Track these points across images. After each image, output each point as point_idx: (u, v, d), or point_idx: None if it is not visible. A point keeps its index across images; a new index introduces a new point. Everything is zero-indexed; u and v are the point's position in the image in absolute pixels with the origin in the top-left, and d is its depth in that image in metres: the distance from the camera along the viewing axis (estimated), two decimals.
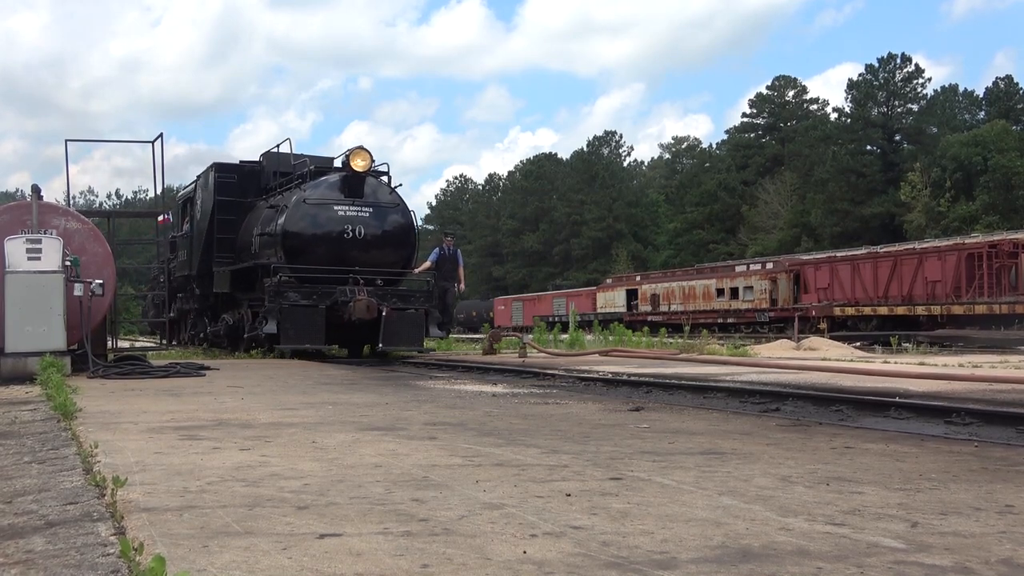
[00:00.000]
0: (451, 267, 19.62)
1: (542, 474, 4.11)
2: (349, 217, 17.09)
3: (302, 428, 5.86)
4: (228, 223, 20.22)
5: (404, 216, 17.97)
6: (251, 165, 21.27)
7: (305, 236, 16.91)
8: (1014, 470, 4.33)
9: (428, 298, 17.17)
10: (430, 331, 16.94)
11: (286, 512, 3.29)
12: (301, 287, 16.18)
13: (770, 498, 3.56)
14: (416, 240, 18.20)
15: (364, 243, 17.08)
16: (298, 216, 16.94)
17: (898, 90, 74.52)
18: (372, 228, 17.28)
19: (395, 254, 17.72)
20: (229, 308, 20.32)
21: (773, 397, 9.22)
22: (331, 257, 16.80)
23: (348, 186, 17.23)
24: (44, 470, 4.34)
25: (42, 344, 11.16)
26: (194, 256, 21.61)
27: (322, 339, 15.93)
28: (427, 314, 16.81)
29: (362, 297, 15.89)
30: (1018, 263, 29.32)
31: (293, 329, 15.67)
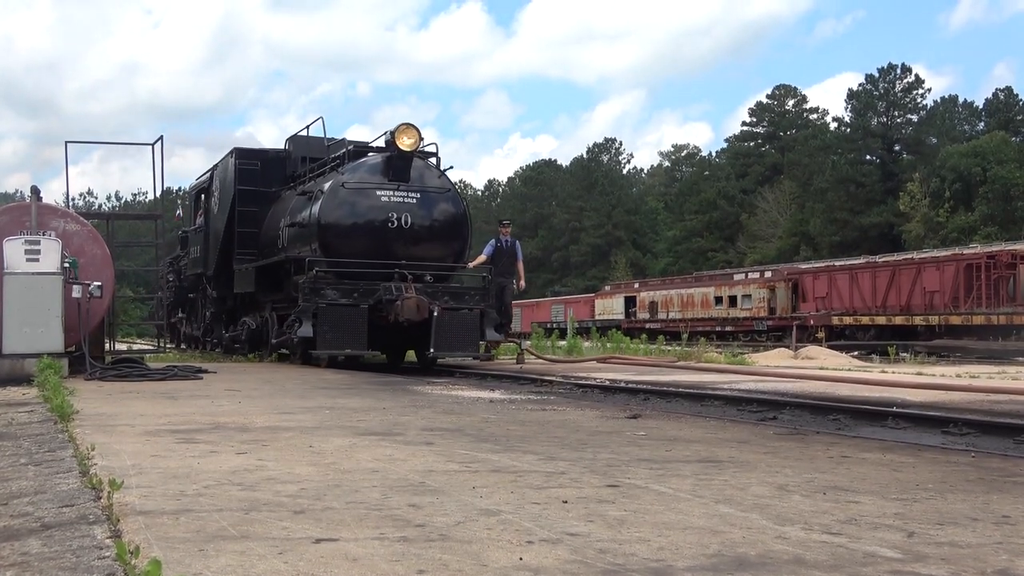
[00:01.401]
0: (509, 261, 17.58)
1: (539, 481, 4.11)
2: (394, 204, 15.07)
3: (299, 432, 5.85)
4: (250, 216, 18.21)
5: (456, 203, 15.94)
6: (275, 151, 19.30)
7: (343, 226, 14.97)
8: (1011, 481, 4.33)
9: (484, 296, 15.21)
10: (486, 334, 14.96)
11: (282, 516, 3.29)
12: (340, 284, 14.25)
13: (767, 506, 3.56)
14: (469, 231, 16.08)
15: (411, 233, 15.09)
16: (335, 203, 14.97)
17: (898, 100, 74.60)
18: (420, 216, 15.27)
19: (445, 246, 15.66)
20: (250, 311, 18.61)
21: (771, 405, 9.22)
22: (373, 249, 14.85)
23: (392, 168, 15.13)
24: (40, 472, 4.34)
25: (40, 345, 11.15)
26: (210, 253, 19.76)
27: (364, 343, 13.99)
28: (483, 315, 14.87)
29: (411, 295, 13.97)
30: (1016, 274, 29.34)
31: (331, 332, 13.78)
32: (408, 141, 14.86)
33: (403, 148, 14.84)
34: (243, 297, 18.48)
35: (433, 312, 14.03)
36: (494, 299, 15.66)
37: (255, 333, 17.72)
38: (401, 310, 13.83)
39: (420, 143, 15.14)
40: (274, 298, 16.86)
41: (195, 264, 21.26)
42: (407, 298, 13.87)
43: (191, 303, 23.49)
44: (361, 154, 15.86)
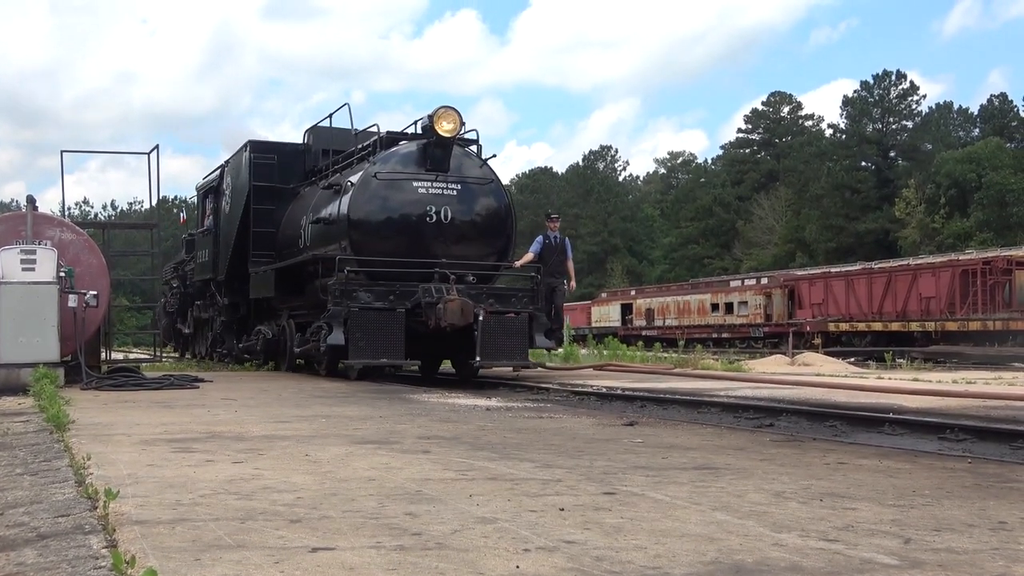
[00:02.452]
0: (559, 259, 15.91)
1: (535, 488, 4.11)
2: (432, 196, 13.62)
3: (295, 441, 5.85)
4: (266, 214, 16.83)
5: (499, 196, 14.44)
6: (293, 145, 17.85)
7: (376, 221, 13.58)
8: (1007, 487, 4.33)
9: (533, 298, 13.74)
10: (536, 340, 13.49)
11: (279, 525, 3.28)
12: (374, 285, 12.87)
13: (764, 513, 3.56)
14: (514, 227, 14.62)
15: (451, 229, 13.66)
16: (366, 196, 13.55)
17: (893, 107, 74.73)
18: (461, 210, 13.83)
19: (489, 244, 14.21)
20: (264, 319, 17.29)
21: (767, 412, 9.22)
22: (409, 247, 13.45)
23: (430, 157, 13.67)
24: (36, 482, 4.33)
25: (35, 355, 11.14)
26: (220, 256, 18.39)
27: (401, 351, 12.51)
28: (531, 319, 13.45)
29: (454, 297, 12.57)
30: (1012, 280, 29.38)
31: (365, 339, 12.33)
32: (448, 126, 13.46)
33: (443, 134, 13.41)
34: (257, 304, 17.35)
35: (478, 316, 12.66)
36: (543, 301, 14.23)
37: (272, 343, 16.43)
38: (444, 314, 12.41)
39: (461, 129, 13.75)
40: (291, 304, 15.80)
41: (203, 269, 20.01)
42: (450, 300, 12.50)
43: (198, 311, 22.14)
44: (394, 143, 14.35)
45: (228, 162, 18.79)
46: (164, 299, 25.75)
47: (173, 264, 25.28)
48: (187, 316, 23.03)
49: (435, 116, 13.42)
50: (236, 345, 18.46)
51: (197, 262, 20.58)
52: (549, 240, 15.95)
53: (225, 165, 19.02)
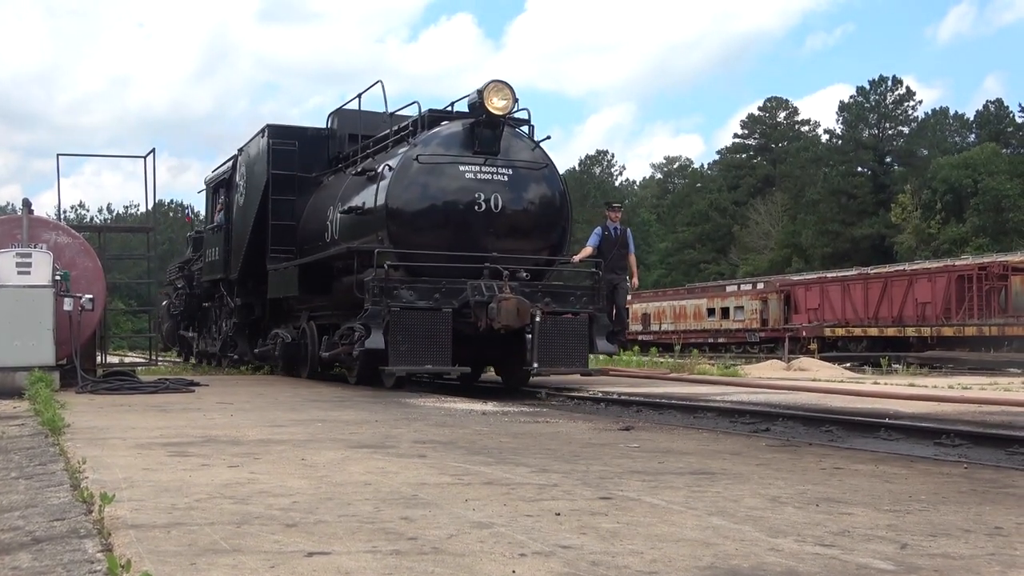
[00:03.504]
0: (619, 253, 14.39)
1: (532, 493, 4.11)
2: (481, 182, 12.21)
3: (291, 445, 5.84)
4: (286, 206, 15.50)
5: (554, 182, 12.96)
6: (316, 130, 16.48)
7: (417, 210, 12.15)
8: (1004, 492, 4.33)
9: (593, 297, 12.45)
10: (597, 344, 12.20)
11: (274, 530, 3.28)
12: (417, 282, 11.58)
13: (760, 518, 3.55)
14: (570, 217, 13.17)
15: (502, 219, 12.21)
16: (406, 181, 12.13)
17: (889, 112, 74.87)
18: (513, 198, 12.40)
19: (543, 236, 12.76)
20: (281, 321, 16.10)
21: (763, 417, 9.23)
22: (454, 239, 12.09)
23: (477, 138, 12.28)
24: (31, 486, 4.32)
25: (31, 359, 11.12)
26: (233, 253, 17.06)
27: (448, 356, 11.23)
28: (592, 320, 12.16)
29: (508, 295, 11.24)
30: (1008, 285, 29.43)
31: (406, 342, 11.08)
32: (500, 103, 12.06)
33: (494, 111, 12.02)
34: (273, 305, 16.16)
35: (535, 317, 11.40)
36: (604, 301, 12.90)
37: (291, 347, 15.14)
38: (498, 314, 11.08)
39: (514, 106, 12.31)
40: (312, 305, 14.66)
41: (213, 268, 18.60)
42: (504, 299, 11.15)
43: (205, 313, 20.92)
44: (436, 123, 12.97)
45: (242, 150, 17.48)
46: (168, 301, 24.67)
47: (178, 264, 24.14)
48: (193, 319, 22.08)
49: (485, 91, 12.01)
50: (250, 350, 17.34)
51: (206, 261, 19.33)
52: (608, 232, 14.44)
53: (238, 155, 17.71)
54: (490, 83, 12.04)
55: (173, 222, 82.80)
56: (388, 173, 12.24)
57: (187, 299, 22.10)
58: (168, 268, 25.90)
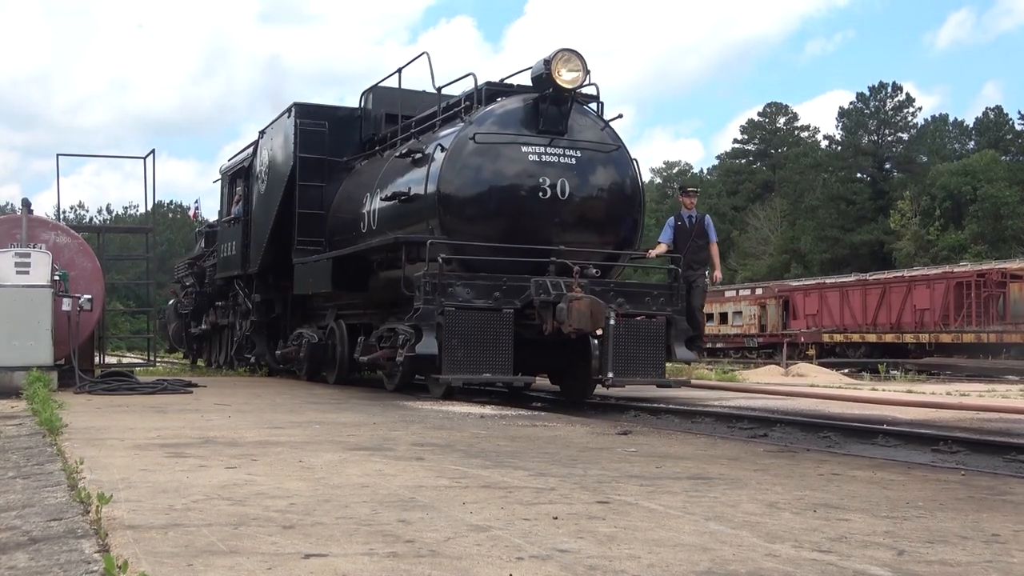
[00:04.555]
0: (697, 244, 12.59)
1: (529, 497, 4.10)
2: (545, 165, 10.89)
3: (289, 447, 5.84)
4: (313, 193, 14.24)
5: (625, 167, 11.58)
6: (348, 110, 15.16)
7: (473, 197, 10.86)
8: (1001, 499, 4.33)
9: (671, 298, 11.12)
10: (675, 351, 10.91)
11: (272, 531, 3.27)
12: (474, 278, 10.30)
13: (757, 524, 3.55)
14: (642, 207, 11.86)
15: (569, 208, 10.93)
16: (460, 164, 10.83)
17: (889, 119, 74.92)
18: (580, 184, 11.08)
19: (613, 227, 11.43)
20: (304, 321, 15.09)
21: (761, 423, 9.23)
22: (514, 230, 10.79)
23: (542, 115, 10.98)
24: (28, 485, 4.32)
25: (29, 359, 11.11)
26: (253, 246, 15.83)
27: (509, 364, 10.02)
28: (669, 323, 10.89)
29: (580, 294, 10.01)
30: (1006, 292, 29.44)
31: (463, 348, 9.89)
32: (570, 75, 10.75)
33: (562, 84, 10.72)
34: (296, 303, 15.21)
35: (609, 320, 10.17)
36: (683, 302, 11.45)
37: (318, 348, 13.97)
38: (569, 316, 9.84)
39: (585, 79, 10.92)
40: (341, 302, 13.62)
41: (228, 264, 17.31)
42: (577, 299, 9.90)
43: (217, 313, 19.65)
44: (493, 99, 11.53)
45: (263, 133, 16.13)
46: (175, 300, 23.58)
47: (187, 260, 22.95)
48: (203, 318, 20.80)
49: (553, 61, 10.65)
50: (269, 351, 16.16)
51: (220, 256, 18.06)
52: (683, 221, 12.71)
53: (259, 139, 16.36)
54: (559, 52, 10.70)
55: (172, 223, 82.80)
56: (439, 154, 10.96)
57: (197, 297, 21.02)
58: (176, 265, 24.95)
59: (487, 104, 11.30)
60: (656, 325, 10.81)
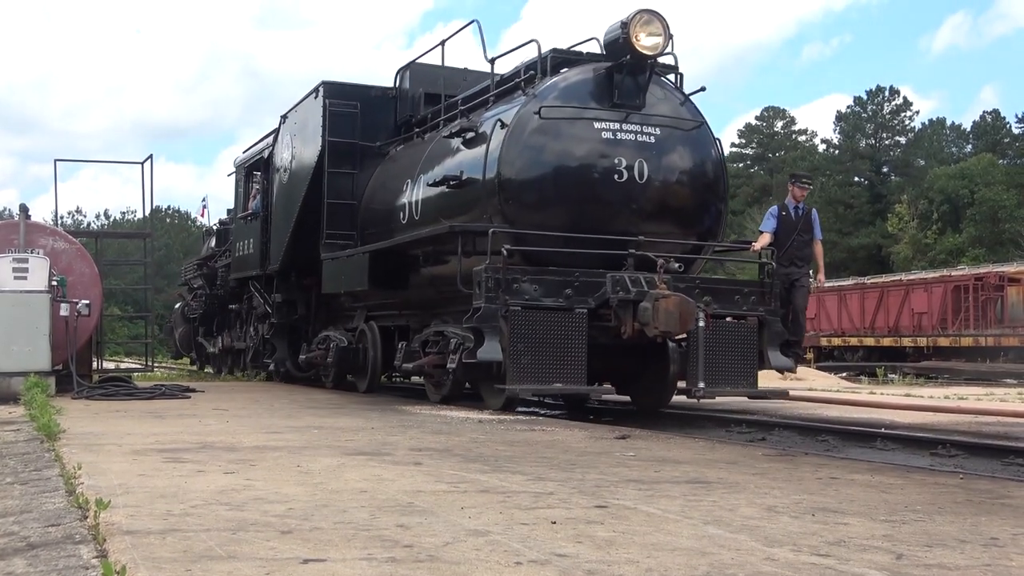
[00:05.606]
0: (801, 240, 11.13)
1: (527, 501, 4.10)
2: (621, 144, 9.66)
3: (287, 452, 5.83)
4: (343, 182, 12.99)
5: (708, 147, 10.40)
6: (381, 89, 13.67)
7: (538, 179, 9.63)
8: (999, 503, 4.33)
9: (763, 297, 9.98)
10: (769, 358, 9.71)
11: (270, 536, 3.27)
12: (543, 274, 9.13)
13: (755, 528, 3.55)
14: (727, 192, 10.77)
15: (648, 193, 9.71)
16: (523, 142, 9.59)
17: (886, 122, 75.01)
18: (662, 166, 9.86)
19: (697, 216, 10.23)
20: (329, 322, 14.15)
21: (759, 426, 9.25)
22: (585, 218, 9.58)
23: (617, 87, 9.74)
24: (26, 491, 4.31)
25: (27, 364, 11.09)
26: (273, 242, 14.68)
27: (583, 371, 8.86)
28: (762, 326, 9.75)
29: (667, 292, 8.86)
30: (1004, 296, 29.43)
31: (530, 353, 8.75)
32: (651, 40, 9.49)
33: (642, 51, 9.46)
34: (319, 303, 14.20)
35: (698, 322, 9.07)
36: (776, 301, 10.17)
37: (347, 354, 12.77)
38: (654, 317, 8.69)
39: (667, 45, 9.67)
40: (372, 303, 12.58)
41: (245, 263, 16.18)
42: (663, 297, 8.76)
43: (228, 317, 18.58)
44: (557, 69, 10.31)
45: (285, 118, 14.92)
46: (182, 303, 22.70)
47: (195, 262, 21.87)
48: (213, 323, 19.84)
49: (631, 24, 9.39)
50: (290, 356, 15.05)
51: (235, 256, 16.88)
52: (788, 212, 11.27)
53: (280, 125, 15.18)
54: (637, 13, 9.41)
55: (170, 228, 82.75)
56: (498, 132, 9.71)
57: (207, 300, 20.00)
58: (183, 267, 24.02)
59: (556, 72, 10.14)
60: (747, 327, 9.68)
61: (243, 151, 18.06)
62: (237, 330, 18.11)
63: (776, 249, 10.72)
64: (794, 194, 11.39)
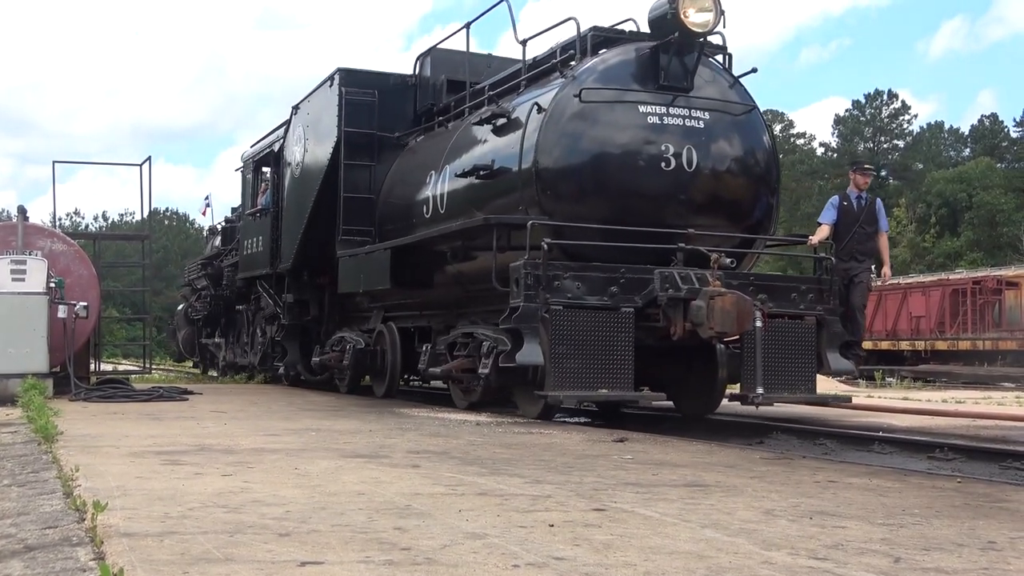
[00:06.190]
0: (863, 232, 10.49)
1: (525, 504, 4.10)
2: (668, 129, 9.00)
3: (285, 454, 5.83)
4: (361, 175, 12.38)
5: (759, 135, 9.79)
6: (400, 77, 13.05)
7: (578, 167, 8.94)
8: (997, 506, 4.33)
9: (822, 294, 9.28)
10: (828, 361, 9.05)
11: (267, 539, 3.27)
12: (587, 270, 8.47)
13: (753, 531, 3.55)
14: (778, 184, 10.07)
15: (697, 183, 9.09)
16: (562, 128, 8.96)
17: (884, 126, 75.09)
18: (711, 154, 9.20)
19: (747, 209, 9.59)
20: (344, 323, 13.68)
21: (757, 430, 9.23)
22: (629, 210, 8.90)
23: (663, 68, 9.07)
24: (24, 493, 4.31)
25: (24, 366, 11.09)
26: (284, 239, 14.05)
27: (630, 376, 8.30)
28: (820, 326, 9.11)
29: (727, 291, 8.18)
30: (1002, 299, 29.45)
31: (573, 356, 8.14)
32: (701, 16, 8.84)
33: (691, 28, 8.79)
34: (333, 303, 13.71)
35: (756, 321, 8.37)
36: (836, 299, 9.46)
37: (364, 356, 12.25)
38: (710, 317, 8.00)
39: (719, 21, 9.01)
40: (389, 303, 12.09)
41: (254, 262, 15.60)
42: (719, 295, 8.07)
43: (234, 318, 18.07)
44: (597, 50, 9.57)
45: (297, 109, 14.33)
46: (185, 305, 22.11)
47: (199, 261, 21.30)
48: (218, 325, 19.26)
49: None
50: (302, 359, 14.44)
51: (243, 254, 16.27)
52: (849, 202, 10.63)
53: (290, 117, 14.60)
54: None
55: (168, 230, 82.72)
56: (535, 117, 9.07)
57: (212, 301, 19.34)
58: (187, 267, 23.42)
59: (596, 52, 9.45)
60: (806, 328, 9.04)
61: (251, 145, 17.54)
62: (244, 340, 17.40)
63: (835, 243, 10.14)
64: (856, 182, 10.73)
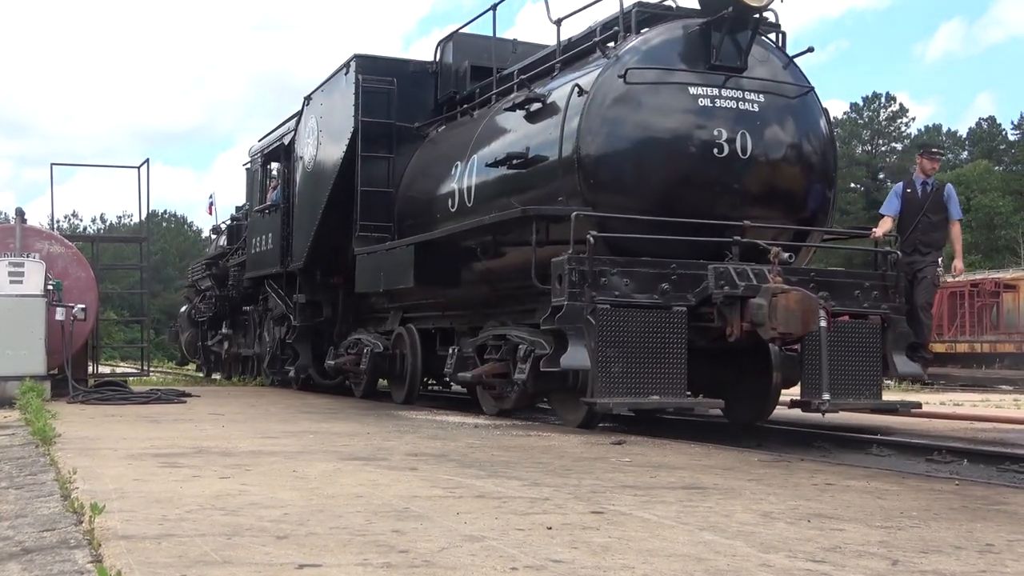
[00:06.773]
0: (929, 222, 9.48)
1: (523, 507, 4.10)
2: (720, 113, 8.27)
3: (283, 457, 5.83)
4: (378, 167, 11.71)
5: (816, 119, 8.98)
6: (419, 64, 12.39)
7: (625, 154, 8.22)
8: (995, 509, 4.34)
9: (886, 292, 8.50)
10: (895, 363, 8.33)
11: (265, 542, 3.27)
12: (634, 265, 7.70)
13: (751, 534, 3.55)
14: (835, 173, 9.34)
15: (752, 171, 8.36)
16: (605, 112, 8.23)
17: (882, 129, 75.15)
18: (765, 139, 8.44)
19: (803, 200, 8.79)
20: (358, 325, 13.07)
21: (755, 432, 9.23)
22: (679, 201, 8.17)
23: (715, 47, 8.30)
24: (21, 496, 4.30)
25: (22, 368, 11.09)
26: (296, 236, 13.43)
27: (682, 381, 7.61)
28: (885, 326, 8.39)
29: (790, 288, 7.41)
30: (1000, 302, 29.47)
31: (621, 360, 7.42)
32: None
33: (748, 2, 8.04)
34: (347, 304, 13.12)
35: (820, 321, 7.57)
36: (901, 297, 8.66)
37: (382, 360, 11.63)
38: (773, 316, 7.25)
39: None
40: (407, 303, 11.50)
41: (260, 261, 15.07)
42: (783, 293, 7.32)
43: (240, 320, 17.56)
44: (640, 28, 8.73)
45: (310, 99, 13.66)
46: (189, 306, 21.66)
47: (204, 261, 20.64)
48: (222, 326, 18.71)
49: None
50: (313, 362, 13.80)
51: (251, 253, 15.69)
52: (914, 190, 9.64)
53: (302, 109, 13.94)
54: None
55: (167, 232, 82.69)
56: (575, 100, 8.39)
57: (217, 302, 18.79)
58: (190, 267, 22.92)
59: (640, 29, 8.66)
60: (870, 328, 8.32)
61: (258, 139, 16.86)
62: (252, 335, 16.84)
63: (899, 234, 9.41)
64: (923, 167, 9.77)
